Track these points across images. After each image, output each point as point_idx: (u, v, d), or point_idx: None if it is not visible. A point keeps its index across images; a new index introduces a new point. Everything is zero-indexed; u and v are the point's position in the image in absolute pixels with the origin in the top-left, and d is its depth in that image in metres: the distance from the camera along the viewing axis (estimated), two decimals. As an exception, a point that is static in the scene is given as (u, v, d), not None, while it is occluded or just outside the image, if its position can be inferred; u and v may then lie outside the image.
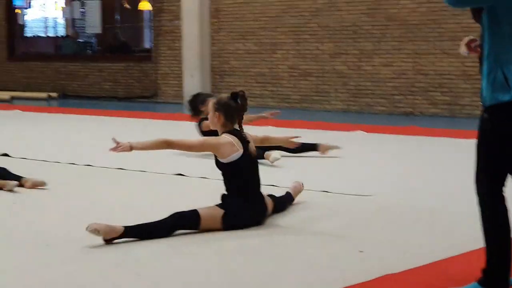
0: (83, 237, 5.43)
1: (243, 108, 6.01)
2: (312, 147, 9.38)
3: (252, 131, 6.50)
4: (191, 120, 9.85)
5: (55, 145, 10.74)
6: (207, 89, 17.49)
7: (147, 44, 22.68)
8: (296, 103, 16.32)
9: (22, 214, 6.53)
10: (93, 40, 22.88)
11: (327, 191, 7.20)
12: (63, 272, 4.80)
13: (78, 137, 11.78)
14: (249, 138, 6.01)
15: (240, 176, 5.86)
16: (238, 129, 5.99)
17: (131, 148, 5.68)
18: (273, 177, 7.88)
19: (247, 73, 17.09)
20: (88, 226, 5.34)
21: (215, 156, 5.93)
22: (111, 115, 15.06)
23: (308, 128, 11.75)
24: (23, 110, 16.19)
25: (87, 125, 13.55)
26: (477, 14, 4.15)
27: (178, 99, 17.92)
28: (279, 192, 6.66)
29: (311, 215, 6.34)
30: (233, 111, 5.97)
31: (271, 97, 16.74)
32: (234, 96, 6.01)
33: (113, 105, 17.77)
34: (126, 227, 5.43)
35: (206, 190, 7.04)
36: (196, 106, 9.47)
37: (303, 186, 6.80)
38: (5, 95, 19.77)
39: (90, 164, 8.94)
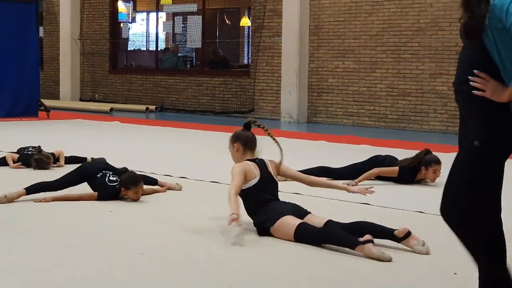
0: (173, 244, 5.41)
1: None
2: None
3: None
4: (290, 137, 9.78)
5: (152, 156, 10.85)
6: (304, 106, 17.47)
7: (245, 60, 22.85)
8: (393, 123, 16.13)
9: (116, 222, 6.59)
10: (192, 54, 23.17)
11: (422, 212, 7.06)
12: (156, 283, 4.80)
13: (174, 150, 11.87)
14: (269, 164, 6.30)
15: (254, 198, 6.11)
16: (258, 158, 6.33)
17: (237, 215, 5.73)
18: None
19: (345, 91, 16.99)
20: None
21: None
22: (207, 129, 15.15)
23: (404, 148, 11.56)
24: (122, 122, 16.45)
25: (184, 138, 13.66)
26: None
27: (275, 115, 17.94)
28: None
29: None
30: (248, 139, 6.35)
31: (367, 116, 16.59)
32: (247, 125, 6.42)
33: (209, 119, 17.90)
34: None
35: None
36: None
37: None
38: (106, 106, 20.15)
39: (185, 176, 9.00)
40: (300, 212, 6.05)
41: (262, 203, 6.08)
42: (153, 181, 8.07)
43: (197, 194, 7.93)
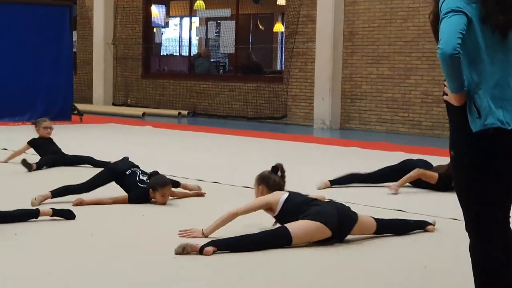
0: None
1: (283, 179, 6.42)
2: None
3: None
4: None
5: (184, 161, 10.81)
6: (337, 113, 17.36)
7: (278, 66, 22.78)
8: (428, 130, 15.96)
9: (150, 226, 6.55)
10: (224, 59, 23.14)
11: (456, 219, 6.94)
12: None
13: (206, 155, 11.82)
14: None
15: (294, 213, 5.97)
16: None
17: (203, 234, 5.97)
18: (401, 203, 7.71)
19: (378, 98, 16.85)
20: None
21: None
22: (240, 135, 15.09)
23: (439, 156, 11.41)
24: (154, 126, 16.44)
25: (216, 143, 13.60)
26: None
27: (308, 121, 17.83)
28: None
29: (441, 241, 6.19)
30: (274, 183, 6.31)
31: (401, 123, 16.44)
32: (275, 169, 6.41)
33: (242, 125, 17.83)
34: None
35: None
36: None
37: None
38: (138, 111, 20.19)
39: (218, 181, 8.95)
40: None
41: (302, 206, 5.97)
42: (176, 183, 7.96)
43: (230, 200, 7.86)
